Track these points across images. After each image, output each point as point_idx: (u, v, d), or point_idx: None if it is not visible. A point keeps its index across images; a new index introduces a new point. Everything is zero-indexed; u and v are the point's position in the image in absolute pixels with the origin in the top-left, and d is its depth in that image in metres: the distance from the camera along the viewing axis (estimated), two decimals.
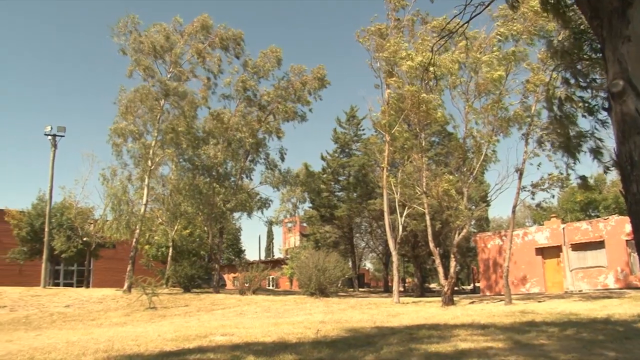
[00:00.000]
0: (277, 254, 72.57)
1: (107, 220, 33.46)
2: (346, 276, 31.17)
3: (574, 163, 13.09)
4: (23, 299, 23.43)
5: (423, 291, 37.28)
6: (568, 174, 18.05)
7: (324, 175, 42.53)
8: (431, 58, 16.57)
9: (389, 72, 23.27)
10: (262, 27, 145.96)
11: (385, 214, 25.01)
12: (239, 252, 71.11)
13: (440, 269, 21.98)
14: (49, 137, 31.77)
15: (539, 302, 20.31)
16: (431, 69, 18.75)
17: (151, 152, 28.70)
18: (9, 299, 23.10)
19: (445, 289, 20.81)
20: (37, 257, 35.85)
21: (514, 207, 21.69)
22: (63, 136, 32.14)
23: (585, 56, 9.60)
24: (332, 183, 43.56)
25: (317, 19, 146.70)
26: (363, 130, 44.24)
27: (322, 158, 44.54)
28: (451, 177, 21.51)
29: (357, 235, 47.78)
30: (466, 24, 6.13)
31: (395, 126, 22.77)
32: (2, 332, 13.65)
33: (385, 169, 24.82)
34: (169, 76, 29.08)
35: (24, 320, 18.21)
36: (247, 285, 29.76)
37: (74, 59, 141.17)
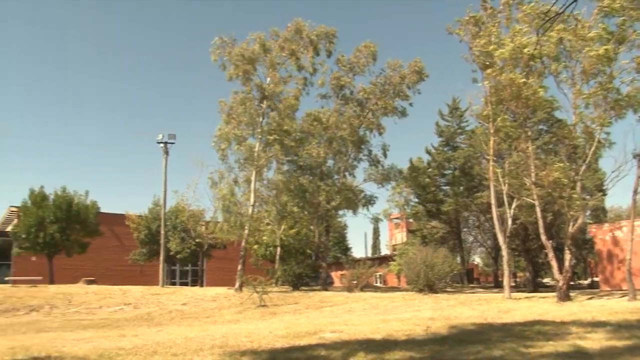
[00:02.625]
0: (384, 251, 72.36)
1: (218, 222, 34.78)
2: (454, 272, 30.52)
3: None
4: (145, 297, 24.86)
5: (535, 286, 35.72)
6: None
7: (429, 170, 41.85)
8: (537, 42, 15.87)
9: (484, 64, 22.47)
10: (350, 23, 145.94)
11: (493, 207, 24.24)
12: (346, 249, 71.43)
13: (554, 263, 20.97)
14: (161, 145, 33.44)
15: None
16: (528, 51, 17.98)
17: (255, 154, 29.51)
18: (132, 297, 24.60)
19: (560, 283, 19.83)
20: (155, 258, 37.89)
21: (634, 194, 20.33)
22: (174, 143, 33.74)
23: None
24: (438, 177, 42.73)
25: (407, 11, 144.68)
26: (467, 121, 43.08)
27: (427, 152, 43.77)
28: (562, 164, 20.48)
29: (465, 229, 46.63)
30: (574, 3, 5.77)
31: (498, 116, 22.00)
32: (128, 327, 14.51)
33: (491, 161, 24.07)
34: (268, 80, 29.81)
35: (146, 316, 19.30)
36: (354, 282, 29.87)
37: (182, 66, 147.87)
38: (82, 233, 35.72)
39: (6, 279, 35.46)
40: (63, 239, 34.30)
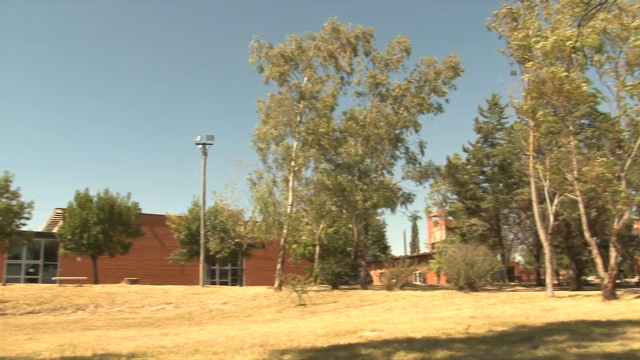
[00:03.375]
0: (423, 249, 71.84)
1: (257, 222, 35.03)
2: (495, 269, 30.10)
3: None
4: (185, 296, 25.22)
5: (579, 284, 34.97)
6: None
7: (468, 167, 41.37)
8: (578, 33, 15.50)
9: (523, 57, 22.01)
10: (385, 19, 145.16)
11: (534, 204, 23.77)
12: (385, 248, 71.11)
13: (599, 260, 20.43)
14: (200, 146, 33.86)
15: None
16: (571, 43, 17.55)
17: (293, 154, 29.64)
18: (173, 297, 24.98)
19: (606, 281, 19.31)
20: (195, 258, 38.41)
21: None
22: (212, 144, 34.15)
23: None
24: (477, 174, 42.21)
25: (438, 6, 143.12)
26: (506, 118, 42.44)
27: (465, 149, 43.32)
28: (605, 159, 19.93)
29: (505, 227, 45.97)
30: None
31: (538, 111, 21.53)
32: (169, 326, 14.72)
33: (531, 157, 23.61)
34: (305, 80, 29.91)
35: (187, 315, 19.57)
36: (394, 280, 29.68)
37: (219, 67, 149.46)
38: (124, 234, 36.49)
39: (53, 278, 36.43)
40: (106, 240, 35.12)
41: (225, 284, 47.24)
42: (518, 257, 67.88)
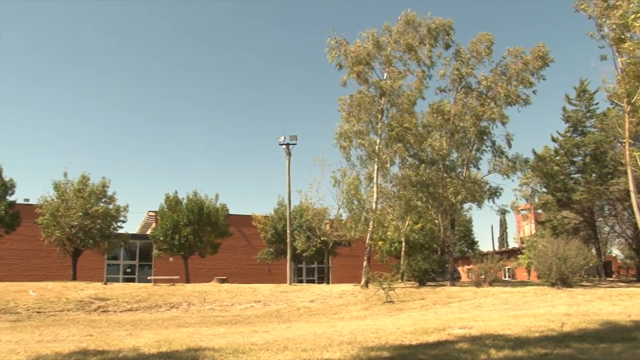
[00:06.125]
0: (512, 244, 69.90)
1: (342, 220, 35.12)
2: (590, 264, 28.80)
3: None
4: (273, 294, 25.65)
5: None
6: None
7: (557, 158, 39.74)
8: None
9: (619, 38, 20.81)
10: (465, 11, 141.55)
11: (632, 194, 22.55)
12: (472, 243, 69.82)
13: None
14: (283, 146, 34.35)
15: None
16: None
17: (377, 149, 29.49)
18: (262, 295, 25.48)
19: None
20: (282, 256, 39.03)
21: None
22: (295, 144, 34.54)
23: None
24: (567, 165, 40.47)
25: None
26: (597, 103, 40.37)
27: (553, 139, 41.61)
28: None
29: (600, 219, 43.79)
30: None
31: (635, 95, 20.36)
32: (259, 324, 15.02)
33: (627, 144, 22.36)
34: (384, 76, 29.65)
35: (275, 313, 19.92)
36: (482, 277, 29.04)
37: (301, 65, 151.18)
38: (213, 234, 37.54)
39: (148, 278, 38.05)
40: (196, 241, 36.27)
41: (312, 282, 47.79)
42: (615, 251, 64.63)
